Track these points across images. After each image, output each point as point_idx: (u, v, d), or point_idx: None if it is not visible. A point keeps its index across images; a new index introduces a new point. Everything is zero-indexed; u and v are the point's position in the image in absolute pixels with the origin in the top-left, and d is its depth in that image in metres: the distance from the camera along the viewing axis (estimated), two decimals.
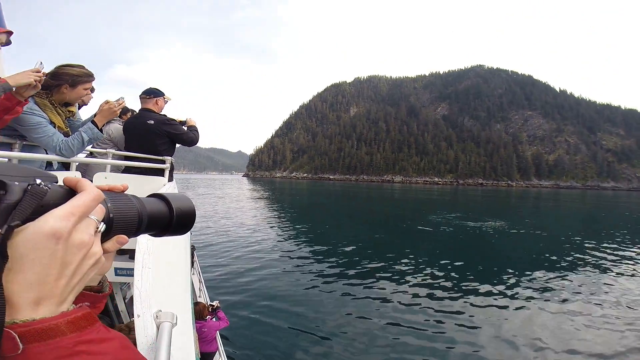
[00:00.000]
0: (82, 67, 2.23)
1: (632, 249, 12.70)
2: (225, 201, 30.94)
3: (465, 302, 7.03)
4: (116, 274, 2.41)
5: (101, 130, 2.24)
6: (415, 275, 8.91)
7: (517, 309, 6.77)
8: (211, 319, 3.58)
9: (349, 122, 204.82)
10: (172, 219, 0.55)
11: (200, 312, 3.38)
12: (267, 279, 8.19)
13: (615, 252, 12.07)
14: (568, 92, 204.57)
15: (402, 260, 10.39)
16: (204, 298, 4.77)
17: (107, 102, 2.32)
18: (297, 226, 17.21)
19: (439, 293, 7.66)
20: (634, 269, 9.78)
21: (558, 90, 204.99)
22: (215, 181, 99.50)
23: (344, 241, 13.34)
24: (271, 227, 16.40)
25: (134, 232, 0.50)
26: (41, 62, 1.88)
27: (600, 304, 7.00)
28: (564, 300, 7.19)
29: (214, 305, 3.85)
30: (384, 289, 7.80)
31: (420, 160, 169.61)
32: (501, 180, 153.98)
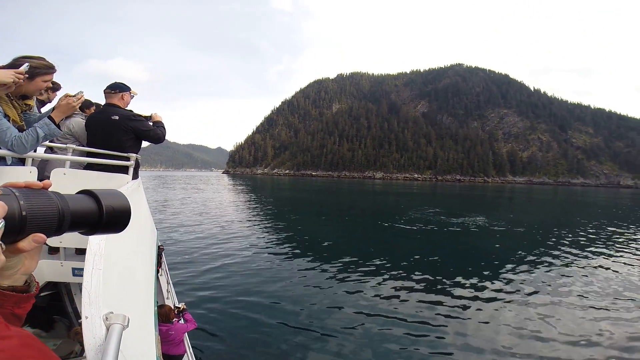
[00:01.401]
0: (43, 58, 2.13)
1: (600, 243, 13.08)
2: (201, 198, 30.00)
3: (444, 295, 7.01)
4: (74, 274, 2.35)
5: (59, 126, 2.14)
6: (393, 270, 8.84)
7: (487, 301, 6.80)
8: (178, 321, 3.51)
9: (331, 118, 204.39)
10: (101, 217, 0.52)
11: (166, 315, 3.34)
12: (241, 277, 7.98)
13: (586, 246, 12.37)
14: (542, 91, 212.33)
15: (380, 255, 10.31)
16: (172, 300, 4.66)
17: (65, 97, 2.24)
18: (275, 223, 16.87)
19: (419, 285, 7.68)
20: (604, 262, 10.12)
21: (532, 89, 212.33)
22: (193, 178, 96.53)
23: (322, 237, 13.19)
24: (248, 224, 16.06)
25: (54, 231, 0.48)
26: (28, 65, 1.86)
27: (570, 296, 7.13)
28: (535, 293, 7.26)
29: (180, 308, 3.77)
30: (361, 283, 7.73)
31: (401, 156, 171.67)
32: (478, 176, 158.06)
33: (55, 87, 3.27)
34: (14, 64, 2.00)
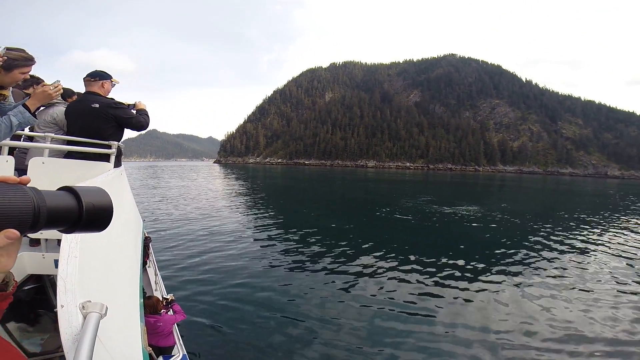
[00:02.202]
0: (22, 50, 2.09)
1: (590, 231, 13.31)
2: (191, 188, 29.57)
3: (436, 284, 7.03)
4: (56, 266, 2.20)
5: (34, 115, 2.09)
6: (385, 258, 8.81)
7: (479, 289, 6.83)
8: (166, 312, 3.50)
9: (324, 107, 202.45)
10: (81, 215, 0.51)
11: (153, 306, 3.33)
12: (231, 268, 7.91)
13: (577, 234, 12.60)
14: (533, 83, 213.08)
15: (372, 244, 10.29)
16: (160, 291, 4.55)
17: (42, 85, 2.23)
18: (265, 213, 16.73)
19: (412, 273, 7.68)
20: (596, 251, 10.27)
21: (524, 80, 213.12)
22: (183, 168, 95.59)
23: (315, 226, 13.10)
24: (238, 214, 15.88)
25: (29, 227, 0.46)
26: (4, 48, 1.83)
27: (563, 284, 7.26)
28: (527, 281, 7.35)
29: (168, 299, 3.72)
30: (354, 273, 7.68)
31: (393, 145, 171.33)
32: (469, 165, 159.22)
33: (39, 82, 3.20)
34: None
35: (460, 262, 8.50)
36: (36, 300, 2.68)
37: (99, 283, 1.22)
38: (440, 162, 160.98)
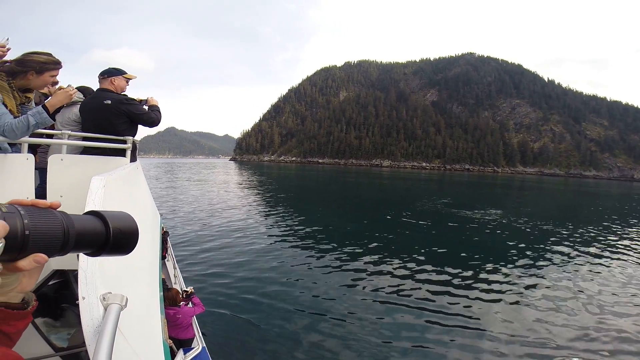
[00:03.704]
0: (49, 54, 2.20)
1: (613, 238, 12.74)
2: (208, 185, 29.81)
3: (453, 285, 6.97)
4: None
5: (52, 116, 2.12)
6: (400, 259, 8.74)
7: (497, 292, 6.76)
8: (185, 304, 3.51)
9: (338, 106, 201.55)
10: (108, 239, 0.51)
11: (173, 298, 3.34)
12: (250, 262, 7.97)
13: (601, 241, 12.14)
14: (556, 82, 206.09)
15: (388, 246, 10.19)
16: (179, 285, 4.59)
17: (60, 88, 2.33)
18: (282, 210, 16.72)
19: (427, 275, 7.61)
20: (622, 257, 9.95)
21: (546, 80, 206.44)
22: (201, 165, 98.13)
23: (331, 225, 13.11)
24: (255, 211, 15.90)
25: (58, 251, 0.47)
26: (7, 38, 1.88)
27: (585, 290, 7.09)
28: (551, 287, 7.19)
29: (187, 291, 3.74)
30: (368, 273, 7.64)
31: (409, 145, 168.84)
32: (487, 166, 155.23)
33: (55, 83, 3.30)
34: (23, 60, 2.09)
35: (480, 266, 8.36)
36: (61, 295, 2.73)
37: (119, 275, 1.26)
38: (457, 163, 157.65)
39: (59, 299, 2.73)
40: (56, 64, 2.21)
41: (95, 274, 0.93)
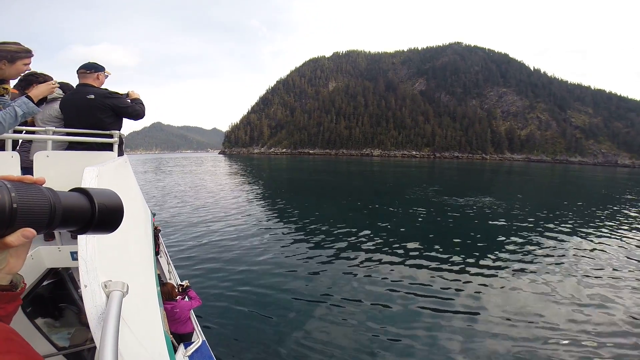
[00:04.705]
0: (18, 43, 2.19)
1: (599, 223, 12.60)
2: (196, 179, 29.42)
3: (444, 273, 6.94)
4: (73, 259, 2.27)
5: (38, 105, 2.14)
6: (394, 247, 8.70)
7: (488, 276, 6.81)
8: (182, 298, 3.54)
9: (327, 96, 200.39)
10: (93, 215, 0.51)
11: (169, 293, 3.33)
12: (243, 255, 7.95)
13: (588, 223, 12.12)
14: (542, 71, 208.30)
15: (381, 233, 10.11)
16: (174, 280, 4.62)
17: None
18: (274, 202, 16.63)
19: (421, 262, 7.59)
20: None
21: (532, 69, 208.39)
22: (188, 159, 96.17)
23: (323, 214, 13.08)
24: (246, 203, 15.75)
25: (45, 226, 0.46)
26: None
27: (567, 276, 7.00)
28: (536, 273, 7.10)
29: (183, 285, 3.79)
30: (364, 262, 7.59)
31: (399, 134, 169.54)
32: (476, 153, 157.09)
33: (39, 79, 3.17)
34: None
35: (474, 253, 8.32)
36: (57, 295, 2.69)
37: (117, 265, 1.24)
38: (446, 151, 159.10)
39: (55, 299, 2.69)
40: (27, 52, 2.18)
41: (95, 261, 0.93)
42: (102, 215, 0.51)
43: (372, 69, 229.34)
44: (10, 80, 2.32)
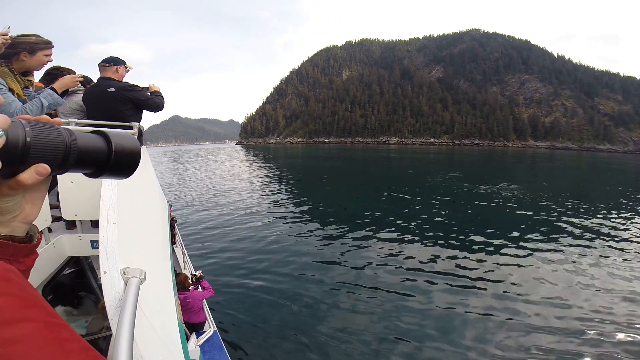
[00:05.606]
0: (38, 35, 2.21)
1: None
2: (214, 169, 29.70)
3: (465, 261, 6.66)
4: (93, 247, 2.31)
5: (62, 97, 2.18)
6: (415, 235, 8.37)
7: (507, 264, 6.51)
8: (195, 289, 3.57)
9: (341, 85, 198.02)
10: (110, 157, 0.49)
11: (182, 283, 3.38)
12: (256, 243, 7.82)
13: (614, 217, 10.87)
14: (566, 58, 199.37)
15: (400, 222, 9.65)
16: (188, 270, 4.57)
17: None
18: (288, 192, 16.16)
19: (444, 250, 7.23)
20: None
21: (556, 55, 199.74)
22: (207, 150, 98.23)
23: (338, 202, 12.87)
24: (262, 193, 15.36)
25: (59, 164, 0.44)
26: (9, 27, 1.87)
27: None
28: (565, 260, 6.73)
29: (197, 275, 3.79)
30: (380, 252, 7.24)
31: (416, 121, 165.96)
32: (497, 140, 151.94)
33: (64, 72, 3.28)
34: (13, 42, 2.06)
35: (502, 241, 7.87)
36: (77, 283, 2.76)
37: (135, 253, 1.25)
38: (466, 138, 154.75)
39: (75, 287, 2.75)
40: (47, 43, 2.20)
41: (114, 248, 0.93)
42: (119, 157, 0.50)
43: (386, 57, 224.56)
44: (35, 74, 2.35)
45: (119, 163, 0.50)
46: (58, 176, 2.27)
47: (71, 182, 2.30)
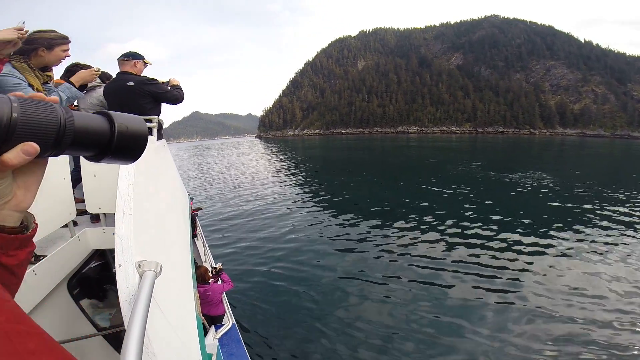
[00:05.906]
0: (55, 31, 2.23)
1: None
2: (235, 162, 29.80)
3: (490, 251, 6.56)
4: None
5: (81, 91, 2.22)
6: (432, 226, 8.21)
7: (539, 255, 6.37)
8: (214, 282, 3.57)
9: (357, 75, 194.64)
10: (112, 139, 0.45)
11: (202, 276, 3.42)
12: (278, 238, 7.75)
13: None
14: (594, 44, 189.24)
15: (417, 211, 9.57)
16: (209, 263, 4.49)
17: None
18: (309, 184, 15.91)
19: (470, 242, 7.09)
20: None
21: (583, 41, 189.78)
22: (227, 144, 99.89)
23: (357, 192, 12.81)
24: (283, 186, 15.12)
25: (51, 145, 0.39)
26: (24, 22, 1.87)
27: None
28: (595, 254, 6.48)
29: (217, 268, 3.80)
30: (400, 241, 7.22)
31: (436, 110, 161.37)
32: (523, 128, 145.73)
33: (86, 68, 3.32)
34: (30, 38, 2.08)
35: (532, 233, 7.59)
36: (103, 276, 2.82)
37: (153, 246, 1.21)
38: (490, 126, 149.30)
39: (101, 280, 2.79)
40: (64, 39, 2.22)
41: (130, 240, 0.90)
42: (122, 139, 0.45)
43: (402, 46, 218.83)
44: (54, 70, 2.35)
45: (122, 146, 0.45)
46: (82, 170, 2.32)
47: (94, 176, 2.30)
